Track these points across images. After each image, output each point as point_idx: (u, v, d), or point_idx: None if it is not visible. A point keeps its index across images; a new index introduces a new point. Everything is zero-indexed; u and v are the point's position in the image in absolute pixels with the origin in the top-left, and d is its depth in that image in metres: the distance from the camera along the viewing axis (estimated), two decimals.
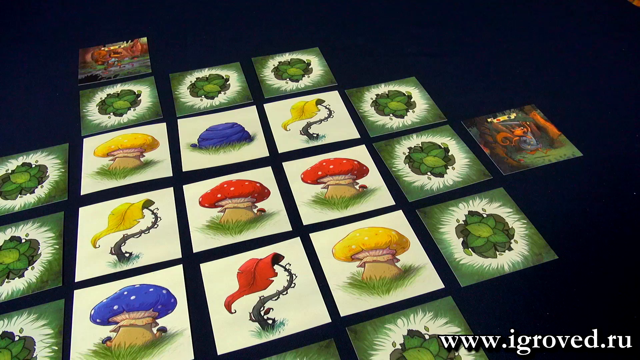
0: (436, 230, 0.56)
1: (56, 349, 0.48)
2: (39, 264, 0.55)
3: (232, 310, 0.50)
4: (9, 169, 0.66)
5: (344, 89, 0.76)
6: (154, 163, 0.66)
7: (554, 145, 0.65)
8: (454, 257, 0.54)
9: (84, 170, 0.65)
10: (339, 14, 0.92)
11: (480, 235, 0.56)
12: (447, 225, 0.57)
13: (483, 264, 0.53)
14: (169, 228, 0.58)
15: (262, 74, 0.79)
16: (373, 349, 0.47)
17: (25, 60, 0.84)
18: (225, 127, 0.70)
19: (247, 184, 0.62)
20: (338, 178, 0.63)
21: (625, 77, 0.76)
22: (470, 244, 0.55)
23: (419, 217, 0.58)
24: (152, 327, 0.49)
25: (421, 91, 0.75)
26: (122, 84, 0.78)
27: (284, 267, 0.54)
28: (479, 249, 0.55)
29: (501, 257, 0.54)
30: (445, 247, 0.55)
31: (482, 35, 0.85)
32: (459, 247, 0.55)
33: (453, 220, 0.57)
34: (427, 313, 0.49)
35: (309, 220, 0.58)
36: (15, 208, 0.61)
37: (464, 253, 0.54)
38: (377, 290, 0.51)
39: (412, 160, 0.65)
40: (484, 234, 0.56)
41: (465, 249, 0.55)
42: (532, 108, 0.71)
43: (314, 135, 0.68)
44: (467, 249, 0.55)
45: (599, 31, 0.86)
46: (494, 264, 0.53)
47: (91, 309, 0.51)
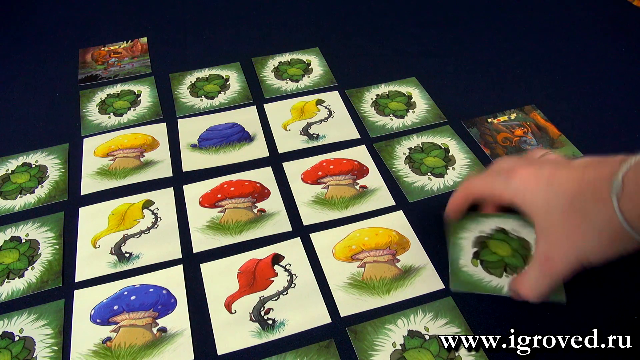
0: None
1: (56, 349, 0.48)
2: (39, 264, 0.55)
3: (232, 311, 0.50)
4: (9, 169, 0.66)
5: (344, 89, 0.76)
6: (154, 163, 0.66)
7: (554, 146, 0.65)
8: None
9: (84, 170, 0.65)
10: (339, 14, 0.92)
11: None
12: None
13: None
14: (169, 228, 0.58)
15: (262, 74, 0.79)
16: (373, 349, 0.47)
17: (25, 60, 0.84)
18: (225, 127, 0.70)
19: (247, 184, 0.62)
20: (338, 178, 0.62)
21: (625, 77, 0.76)
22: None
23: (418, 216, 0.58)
24: (152, 327, 0.49)
25: (421, 91, 0.75)
26: (122, 84, 0.78)
27: (284, 267, 0.54)
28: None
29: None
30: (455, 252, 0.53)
31: (482, 35, 0.85)
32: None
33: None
34: (427, 313, 0.49)
35: (309, 220, 0.58)
36: (15, 208, 0.61)
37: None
38: (377, 290, 0.51)
39: (412, 161, 0.65)
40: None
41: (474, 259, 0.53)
42: (532, 108, 0.71)
43: (314, 136, 0.68)
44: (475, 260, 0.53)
45: (599, 31, 0.86)
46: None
47: (91, 309, 0.51)
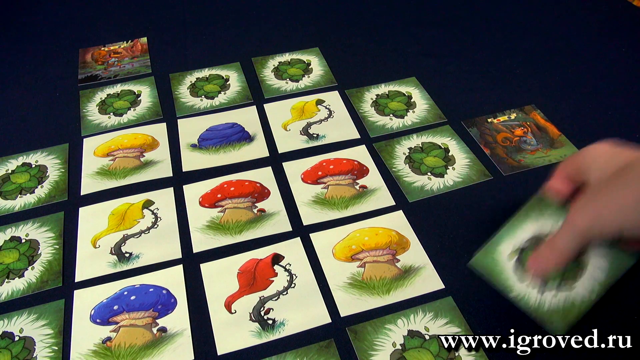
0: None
1: (56, 349, 0.48)
2: (39, 264, 0.55)
3: (232, 311, 0.50)
4: (9, 169, 0.66)
5: (344, 89, 0.76)
6: (154, 163, 0.66)
7: (554, 146, 0.65)
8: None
9: (84, 170, 0.65)
10: (339, 14, 0.92)
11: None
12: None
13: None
14: (169, 228, 0.58)
15: (262, 74, 0.79)
16: (373, 349, 0.47)
17: (25, 60, 0.84)
18: (225, 127, 0.70)
19: (247, 184, 0.62)
20: (338, 178, 0.62)
21: (625, 77, 0.76)
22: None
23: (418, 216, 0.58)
24: (152, 327, 0.49)
25: (421, 91, 0.75)
26: (122, 84, 0.78)
27: (284, 267, 0.54)
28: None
29: None
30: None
31: (482, 35, 0.85)
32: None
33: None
34: (427, 313, 0.49)
35: (309, 220, 0.58)
36: (15, 208, 0.61)
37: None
38: (377, 290, 0.51)
39: (412, 161, 0.65)
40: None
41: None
42: (532, 108, 0.71)
43: (314, 136, 0.68)
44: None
45: (599, 31, 0.86)
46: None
47: (91, 309, 0.51)
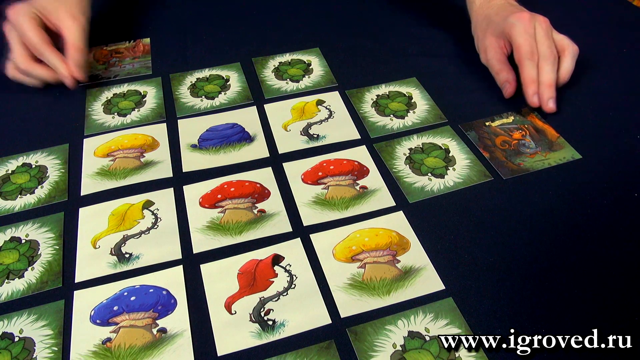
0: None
1: (56, 349, 0.48)
2: (39, 264, 0.55)
3: (232, 311, 0.50)
4: (9, 169, 0.66)
5: (344, 90, 0.76)
6: (154, 163, 0.66)
7: (553, 148, 0.65)
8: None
9: (84, 170, 0.65)
10: (339, 14, 0.92)
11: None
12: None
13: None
14: (169, 229, 0.58)
15: (263, 75, 0.79)
16: (373, 350, 0.47)
17: None
18: (225, 128, 0.70)
19: (248, 185, 0.62)
20: (338, 179, 0.62)
21: (625, 78, 0.76)
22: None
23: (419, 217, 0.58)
24: (152, 328, 0.49)
25: (422, 92, 0.75)
26: (129, 83, 0.78)
27: (284, 268, 0.54)
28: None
29: None
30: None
31: None
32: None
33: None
34: (427, 314, 0.49)
35: (309, 221, 0.58)
36: (15, 208, 0.61)
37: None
38: (378, 291, 0.51)
39: (412, 161, 0.65)
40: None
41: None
42: (530, 110, 0.71)
43: (315, 136, 0.68)
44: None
45: (599, 31, 0.86)
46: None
47: (91, 309, 0.51)
